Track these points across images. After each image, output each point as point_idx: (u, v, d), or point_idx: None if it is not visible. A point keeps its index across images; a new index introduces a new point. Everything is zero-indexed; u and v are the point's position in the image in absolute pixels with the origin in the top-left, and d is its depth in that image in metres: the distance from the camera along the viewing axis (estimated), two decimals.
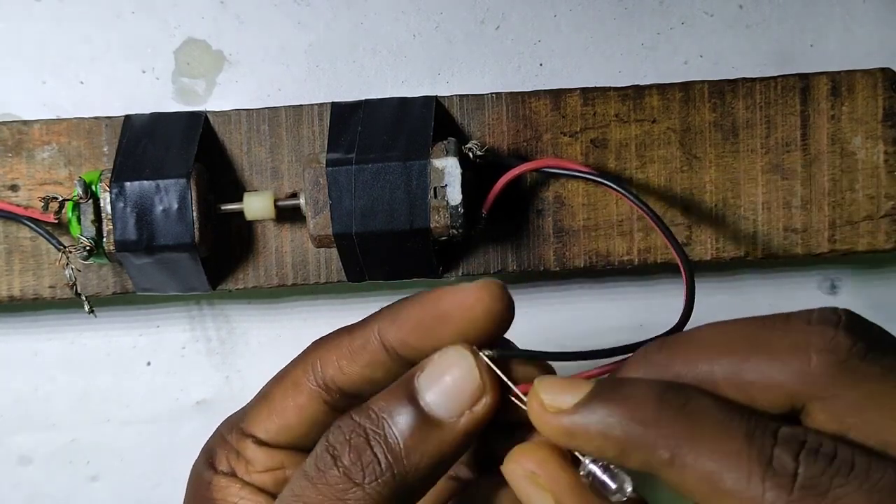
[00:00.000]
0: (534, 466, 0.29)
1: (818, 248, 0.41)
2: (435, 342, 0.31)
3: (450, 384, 0.30)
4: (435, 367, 0.30)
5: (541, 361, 0.31)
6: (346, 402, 0.33)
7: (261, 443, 0.34)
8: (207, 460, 0.35)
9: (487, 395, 0.30)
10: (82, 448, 0.44)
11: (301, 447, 0.34)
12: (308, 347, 0.34)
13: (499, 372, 0.30)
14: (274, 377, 0.35)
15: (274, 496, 0.33)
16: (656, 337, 0.29)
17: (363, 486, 0.29)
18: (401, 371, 0.31)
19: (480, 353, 0.30)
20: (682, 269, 0.35)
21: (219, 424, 0.36)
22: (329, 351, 0.33)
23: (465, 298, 0.30)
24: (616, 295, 0.44)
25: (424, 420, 0.30)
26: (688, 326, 0.32)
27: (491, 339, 0.30)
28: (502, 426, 0.32)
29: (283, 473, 0.34)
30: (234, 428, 0.35)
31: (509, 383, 0.30)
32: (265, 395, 0.35)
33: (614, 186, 0.38)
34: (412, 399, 0.30)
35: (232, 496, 0.34)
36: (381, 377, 0.32)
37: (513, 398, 0.30)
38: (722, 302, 0.44)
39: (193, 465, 0.37)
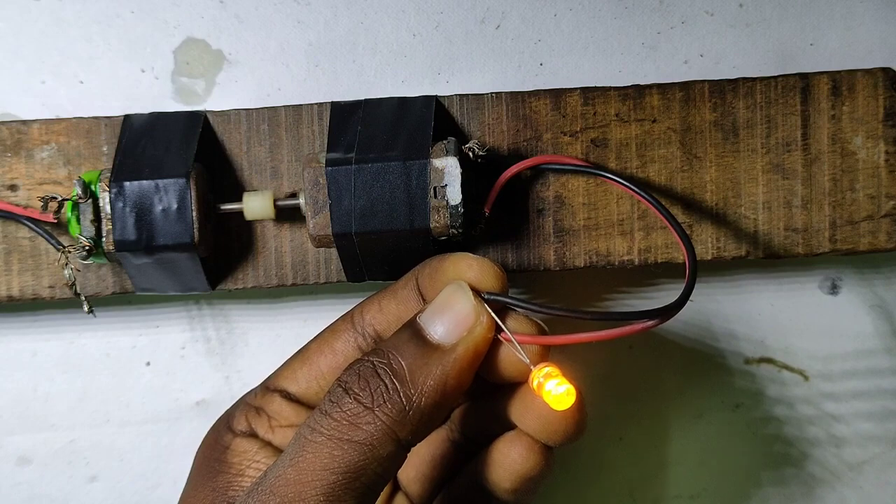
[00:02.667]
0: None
1: (819, 247, 0.41)
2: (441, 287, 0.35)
3: (448, 313, 0.34)
4: (436, 302, 0.34)
5: (534, 318, 0.34)
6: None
7: (288, 397, 0.37)
8: (225, 425, 0.37)
9: (481, 323, 0.33)
10: (81, 448, 0.44)
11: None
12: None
13: (489, 309, 0.34)
14: (313, 337, 0.38)
15: None
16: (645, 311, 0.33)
17: (374, 411, 0.32)
18: None
19: (476, 292, 0.34)
20: (681, 245, 0.36)
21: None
22: (373, 298, 0.37)
23: (462, 262, 0.35)
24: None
25: (425, 345, 0.33)
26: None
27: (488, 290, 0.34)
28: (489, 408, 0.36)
29: None
30: (259, 388, 0.38)
31: (498, 321, 0.34)
32: (301, 350, 0.38)
33: (609, 176, 0.39)
34: (414, 330, 0.33)
35: (248, 460, 0.35)
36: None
37: (501, 337, 0.34)
38: (722, 302, 0.44)
39: (206, 436, 0.37)
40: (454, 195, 0.37)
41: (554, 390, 0.33)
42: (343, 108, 0.40)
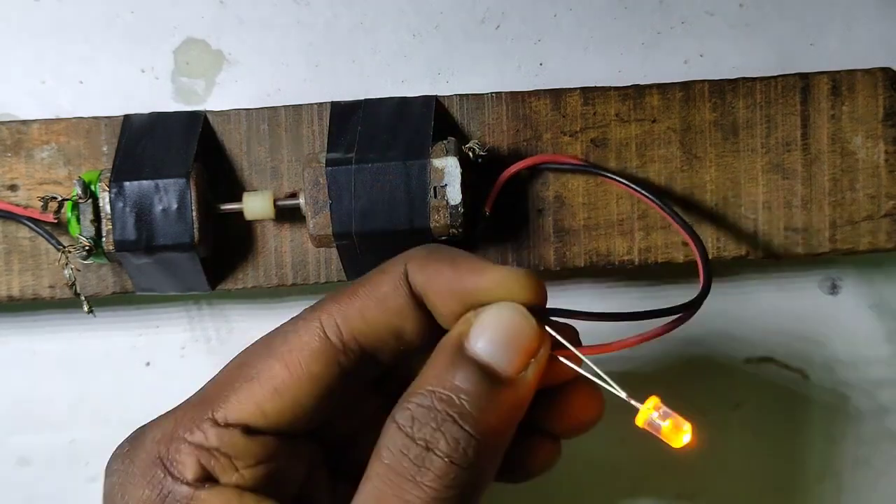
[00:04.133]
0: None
1: (819, 247, 0.41)
2: (465, 309, 0.30)
3: (511, 340, 0.29)
4: (491, 328, 0.29)
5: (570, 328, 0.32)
6: (357, 365, 0.31)
7: (249, 430, 0.31)
8: (162, 473, 0.30)
9: (545, 345, 0.30)
10: (81, 449, 0.44)
11: (295, 430, 0.31)
12: (315, 305, 0.31)
13: (552, 332, 0.30)
14: (255, 352, 0.32)
15: (273, 498, 0.30)
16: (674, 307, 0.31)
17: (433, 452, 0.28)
18: (421, 318, 0.31)
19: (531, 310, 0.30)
20: (686, 237, 0.36)
21: (144, 432, 0.32)
22: (349, 304, 0.31)
23: (507, 282, 0.30)
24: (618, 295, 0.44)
25: (493, 380, 0.29)
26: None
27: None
28: None
29: (276, 466, 0.31)
30: (199, 423, 0.31)
31: (557, 336, 0.30)
32: (252, 375, 0.31)
33: (608, 174, 0.39)
34: (474, 364, 0.29)
35: None
36: (407, 327, 0.31)
37: (562, 355, 0.31)
38: (723, 302, 0.44)
39: (117, 494, 0.31)
40: (454, 195, 0.37)
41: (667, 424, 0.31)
42: (343, 108, 0.40)
